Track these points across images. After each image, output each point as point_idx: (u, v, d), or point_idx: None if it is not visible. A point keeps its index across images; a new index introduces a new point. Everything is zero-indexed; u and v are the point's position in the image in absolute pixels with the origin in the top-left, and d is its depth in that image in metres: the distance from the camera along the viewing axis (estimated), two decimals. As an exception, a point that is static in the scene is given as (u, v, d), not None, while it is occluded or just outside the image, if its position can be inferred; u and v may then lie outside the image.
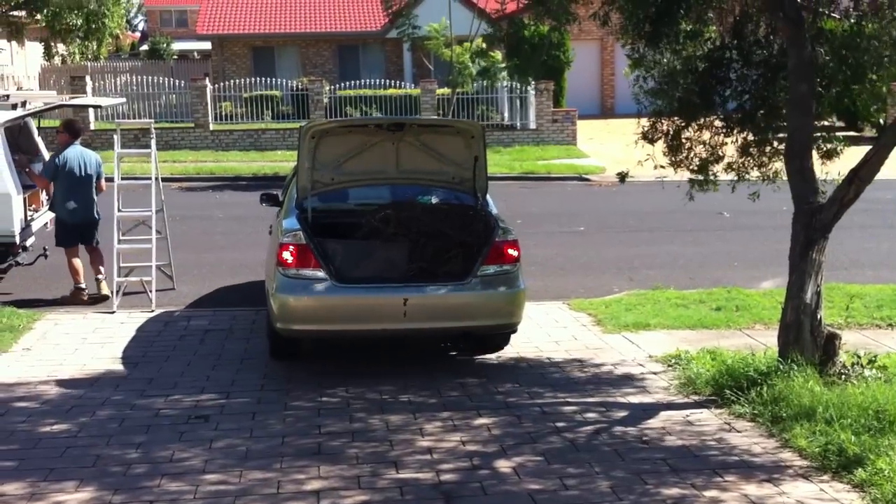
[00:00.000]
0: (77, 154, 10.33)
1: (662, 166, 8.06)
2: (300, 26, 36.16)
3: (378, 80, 28.14)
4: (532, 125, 26.69)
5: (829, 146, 7.69)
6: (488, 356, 8.17)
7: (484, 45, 22.01)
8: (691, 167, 8.08)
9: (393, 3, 25.67)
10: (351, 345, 8.38)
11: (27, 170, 10.81)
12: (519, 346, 8.48)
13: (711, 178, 8.07)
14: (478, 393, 7.23)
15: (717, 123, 7.96)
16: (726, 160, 8.11)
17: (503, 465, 5.80)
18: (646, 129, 8.05)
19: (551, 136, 26.31)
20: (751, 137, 7.87)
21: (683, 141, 7.97)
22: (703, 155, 8.02)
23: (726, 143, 8.05)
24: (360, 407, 6.88)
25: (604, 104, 35.88)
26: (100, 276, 10.39)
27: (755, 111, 7.75)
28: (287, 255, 7.42)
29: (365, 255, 7.79)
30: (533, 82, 25.63)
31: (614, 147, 26.13)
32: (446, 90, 25.57)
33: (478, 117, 26.57)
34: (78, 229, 10.40)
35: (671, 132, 7.94)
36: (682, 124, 7.90)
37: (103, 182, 10.59)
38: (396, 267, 7.69)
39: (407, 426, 6.50)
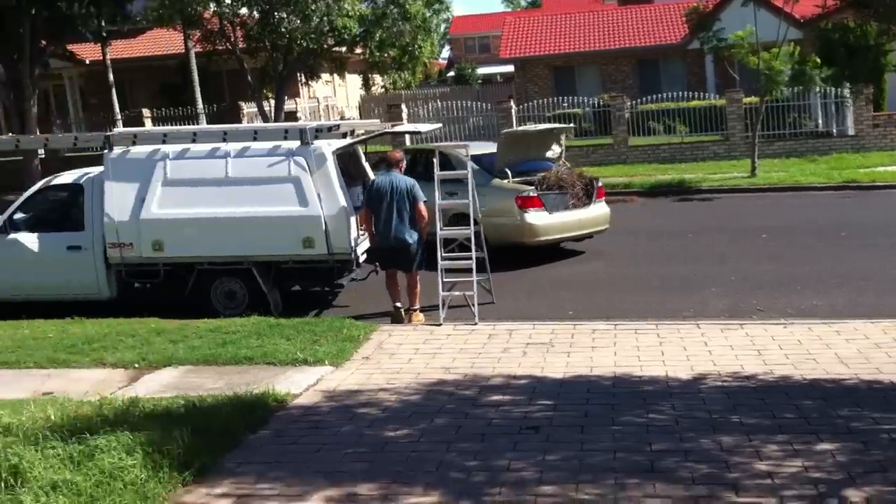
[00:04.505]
0: (385, 180, 10.74)
1: None
2: (599, 44, 36.36)
3: (679, 93, 27.62)
4: (850, 131, 25.01)
5: None
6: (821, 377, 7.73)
7: (798, 50, 20.99)
8: None
9: (694, 15, 25.25)
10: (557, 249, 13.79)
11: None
12: (857, 367, 7.93)
13: None
14: (815, 416, 6.82)
15: None
16: None
17: (854, 495, 5.42)
18: None
19: (872, 143, 24.50)
20: None
21: None
22: None
23: None
24: (688, 426, 6.73)
25: (933, 105, 32.82)
26: (413, 305, 10.78)
27: None
28: (524, 202, 13.43)
29: (554, 198, 13.63)
30: (849, 86, 24.18)
31: (949, 152, 23.85)
32: (753, 98, 24.66)
33: (789, 125, 25.43)
34: (383, 252, 10.92)
35: None
36: None
37: (421, 206, 10.69)
38: (572, 202, 13.77)
39: (741, 448, 6.25)
